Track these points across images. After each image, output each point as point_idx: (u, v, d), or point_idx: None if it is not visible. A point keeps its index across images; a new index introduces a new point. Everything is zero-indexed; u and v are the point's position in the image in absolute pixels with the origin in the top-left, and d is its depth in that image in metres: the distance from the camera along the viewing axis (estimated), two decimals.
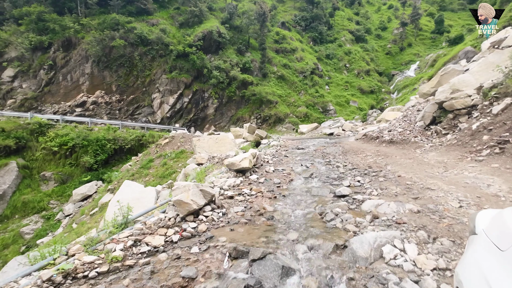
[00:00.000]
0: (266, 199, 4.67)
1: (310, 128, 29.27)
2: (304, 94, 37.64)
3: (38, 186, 18.75)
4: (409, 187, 4.44)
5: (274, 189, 5.29)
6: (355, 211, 3.78)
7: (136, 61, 29.67)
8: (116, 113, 29.95)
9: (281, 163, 8.57)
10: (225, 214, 3.88)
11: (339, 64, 48.30)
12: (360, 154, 9.00)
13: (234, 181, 5.39)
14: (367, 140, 12.37)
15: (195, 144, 11.72)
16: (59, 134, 19.90)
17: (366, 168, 6.61)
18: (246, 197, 4.64)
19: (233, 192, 4.79)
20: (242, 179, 5.82)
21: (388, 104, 40.66)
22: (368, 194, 4.45)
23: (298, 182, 5.95)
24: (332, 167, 7.38)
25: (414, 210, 3.32)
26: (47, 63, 27.50)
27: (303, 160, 9.04)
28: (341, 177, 6.06)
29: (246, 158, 6.36)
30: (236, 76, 32.94)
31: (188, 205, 3.45)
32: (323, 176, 6.32)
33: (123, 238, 2.93)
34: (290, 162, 8.63)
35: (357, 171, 6.37)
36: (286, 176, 6.46)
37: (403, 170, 5.78)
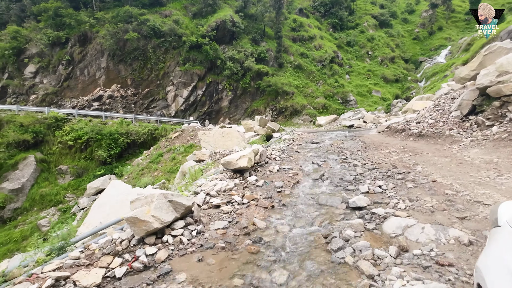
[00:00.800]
0: (260, 209, 3.75)
1: (328, 120, 27.72)
2: (323, 84, 35.77)
3: (55, 179, 19.15)
4: (450, 198, 3.31)
5: (273, 195, 4.35)
6: (374, 234, 2.76)
7: (150, 54, 29.43)
8: (131, 107, 30.12)
9: (289, 160, 7.57)
10: (201, 232, 3.02)
11: (361, 52, 45.48)
12: (383, 150, 7.76)
13: (225, 185, 4.51)
14: (391, 133, 10.97)
15: (200, 139, 10.99)
16: (74, 128, 20.13)
17: (389, 168, 5.45)
18: (235, 206, 3.75)
19: (220, 200, 3.92)
20: (238, 182, 4.93)
21: (415, 93, 37.77)
22: (393, 207, 3.38)
23: (304, 186, 4.95)
24: (348, 166, 6.28)
25: (464, 240, 2.26)
26: (65, 58, 27.99)
27: (316, 156, 7.96)
28: (358, 179, 4.98)
29: (245, 156, 5.44)
30: (250, 66, 31.80)
31: (147, 223, 2.62)
32: (336, 178, 5.27)
33: (47, 272, 2.17)
34: (300, 159, 7.60)
35: (378, 172, 5.25)
36: (291, 177, 5.47)
37: (438, 172, 4.59)
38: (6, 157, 17.89)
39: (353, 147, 9.36)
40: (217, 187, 4.36)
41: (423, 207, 3.15)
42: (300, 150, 9.41)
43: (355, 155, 7.69)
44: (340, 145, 10.24)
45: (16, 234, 15.94)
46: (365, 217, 3.16)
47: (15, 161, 18.13)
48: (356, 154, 7.73)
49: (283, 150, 9.32)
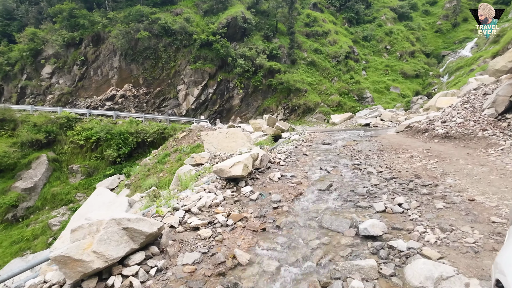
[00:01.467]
0: (247, 233, 3.04)
1: (343, 118, 26.50)
2: (337, 81, 34.36)
3: (66, 178, 19.36)
4: (500, 231, 2.45)
5: (267, 213, 3.62)
6: (393, 285, 1.98)
7: (161, 53, 29.33)
8: (143, 106, 30.22)
9: (295, 165, 6.79)
10: (164, 269, 2.35)
11: (378, 46, 43.41)
12: (403, 154, 6.80)
13: (212, 199, 3.83)
14: (411, 133, 9.88)
15: (203, 139, 10.41)
16: (85, 128, 20.26)
17: (411, 178, 4.57)
18: (217, 229, 3.05)
19: (201, 220, 3.24)
20: (230, 193, 4.23)
21: (437, 89, 35.58)
22: (418, 238, 2.57)
23: (307, 199, 4.18)
24: (362, 174, 5.42)
25: None
26: (79, 58, 28.44)
27: (325, 161, 7.13)
28: (372, 192, 4.14)
29: (240, 163, 4.74)
30: (262, 64, 30.99)
31: (83, 263, 1.99)
32: (346, 189, 4.46)
33: None
34: (307, 164, 6.80)
35: (397, 183, 4.39)
36: (293, 187, 4.71)
37: (475, 187, 3.68)
38: (20, 156, 18.22)
39: (368, 149, 8.42)
40: (201, 201, 3.68)
41: (462, 244, 2.31)
42: (308, 153, 8.60)
43: (370, 159, 6.79)
44: (353, 146, 9.32)
45: (28, 232, 16.16)
46: (380, 253, 2.37)
47: (28, 161, 18.44)
48: (372, 159, 6.83)
49: (290, 153, 8.54)
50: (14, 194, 17.12)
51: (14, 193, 17.14)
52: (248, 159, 5.11)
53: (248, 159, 5.10)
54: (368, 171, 5.49)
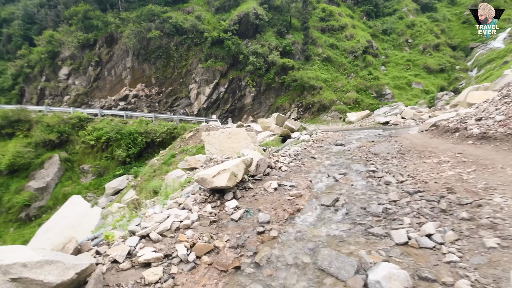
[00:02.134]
0: (213, 274, 2.22)
1: (360, 117, 25.02)
2: (354, 77, 32.68)
3: (78, 178, 19.50)
4: None
5: (247, 241, 2.78)
6: None
7: (172, 52, 29.14)
8: (155, 106, 30.24)
9: (299, 170, 5.88)
10: None
11: (399, 40, 41.04)
12: (429, 158, 5.70)
13: (182, 219, 3.05)
14: (438, 133, 8.62)
15: (204, 140, 9.72)
16: (96, 128, 20.33)
17: (442, 192, 3.55)
18: (171, 269, 2.26)
19: (157, 251, 2.45)
20: (208, 211, 3.43)
21: (465, 84, 32.99)
22: None
23: (305, 220, 3.30)
24: (377, 184, 4.44)
25: None
26: (94, 59, 28.87)
27: (335, 166, 6.16)
28: (390, 212, 3.19)
29: (226, 170, 3.93)
30: (275, 60, 30.00)
31: None
32: (357, 206, 3.53)
33: None
34: (313, 170, 5.87)
35: (424, 200, 3.39)
36: (291, 202, 3.84)
37: None
38: (33, 156, 18.52)
39: (386, 151, 7.34)
40: (166, 222, 2.91)
41: None
42: (317, 156, 7.63)
43: (388, 164, 5.74)
44: (370, 148, 8.23)
45: None
46: None
47: (41, 160, 18.72)
48: (390, 164, 5.77)
49: (296, 156, 7.62)
50: (27, 193, 17.39)
51: (27, 192, 17.42)
52: (239, 165, 4.29)
53: (239, 166, 4.28)
54: (386, 181, 4.49)
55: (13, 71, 30.37)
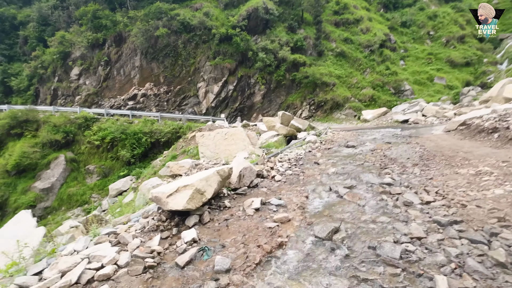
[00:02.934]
0: None
1: (376, 114, 23.41)
2: (370, 72, 30.78)
3: (83, 179, 19.31)
4: None
5: None
6: None
7: (180, 50, 28.58)
8: (164, 105, 29.87)
9: (296, 181, 4.83)
10: None
11: (419, 33, 38.52)
12: (463, 167, 4.48)
13: (100, 264, 2.12)
14: (469, 134, 7.25)
15: (198, 142, 8.83)
16: (101, 127, 20.06)
17: (492, 225, 2.39)
18: None
19: None
20: (153, 247, 2.47)
21: (494, 78, 30.33)
22: None
23: (283, 267, 2.27)
24: (394, 203, 3.33)
25: None
26: (103, 59, 28.86)
27: (341, 175, 5.05)
28: (412, 260, 2.11)
29: (188, 187, 2.97)
30: (285, 57, 28.73)
31: None
32: (362, 244, 2.46)
33: None
34: (314, 180, 4.80)
35: (465, 239, 2.27)
36: (272, 232, 2.81)
37: None
38: (40, 157, 18.47)
39: (406, 156, 6.12)
40: (73, 273, 1.98)
41: None
42: (322, 161, 6.52)
43: (408, 174, 4.57)
44: (385, 151, 7.02)
45: None
46: None
47: (47, 161, 18.65)
48: (411, 174, 4.59)
49: (297, 161, 6.55)
50: (33, 194, 17.33)
51: (32, 193, 17.36)
52: (210, 179, 3.31)
53: (210, 180, 3.30)
54: (406, 200, 3.36)
55: (28, 72, 31.01)
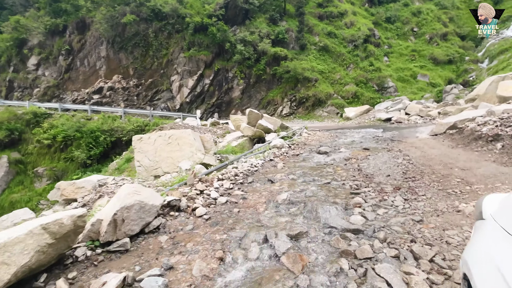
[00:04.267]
0: None
1: (359, 112, 22.33)
2: (354, 68, 29.72)
3: (31, 183, 16.99)
4: None
5: None
6: None
7: (151, 39, 26.26)
8: (134, 99, 27.52)
9: (224, 218, 3.21)
10: None
11: (403, 29, 37.89)
12: (464, 198, 3.03)
13: None
14: (462, 140, 5.91)
15: (135, 147, 7.07)
16: (53, 125, 17.68)
17: None
18: None
19: None
20: None
21: (475, 76, 30.08)
22: None
23: None
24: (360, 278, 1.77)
25: None
26: (64, 48, 26.05)
27: (293, 205, 3.49)
28: None
29: None
30: (266, 50, 27.06)
31: None
32: None
33: None
34: (250, 217, 3.21)
35: None
36: None
37: None
38: None
39: (385, 171, 4.67)
40: None
41: None
42: (280, 176, 4.97)
43: (387, 208, 3.07)
44: (361, 162, 5.56)
45: None
46: None
47: None
48: (390, 207, 3.10)
49: (246, 177, 4.96)
50: None
51: None
52: (17, 247, 1.64)
53: (17, 248, 1.61)
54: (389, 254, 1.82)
55: None
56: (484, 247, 1.19)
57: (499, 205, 1.32)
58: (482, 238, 1.27)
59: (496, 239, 1.14)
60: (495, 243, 1.13)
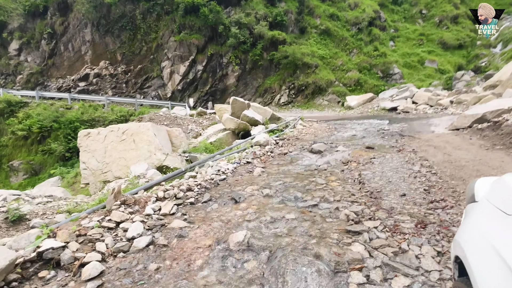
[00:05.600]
0: None
1: (361, 101, 20.74)
2: (357, 53, 27.73)
3: (5, 177, 15.81)
4: None
5: None
6: None
7: (139, 22, 24.37)
8: (122, 87, 25.91)
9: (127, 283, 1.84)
10: None
11: (411, 11, 35.50)
12: None
13: None
14: (499, 139, 4.46)
15: (80, 145, 5.70)
16: (30, 114, 16.30)
17: None
18: None
19: None
20: None
21: (487, 62, 28.07)
22: None
23: None
24: None
25: None
26: (46, 31, 24.26)
27: (248, 252, 2.09)
28: None
29: None
30: (262, 33, 25.09)
31: None
32: None
33: None
34: (179, 273, 1.81)
35: None
36: None
37: None
38: None
39: (400, 185, 3.25)
40: None
41: None
42: (251, 190, 3.57)
43: (413, 262, 1.67)
44: (364, 170, 4.14)
45: None
46: None
47: None
48: (419, 256, 1.71)
49: (203, 191, 3.56)
50: None
51: None
52: None
53: None
54: None
55: None
56: (478, 228, 1.19)
57: (492, 187, 1.34)
58: (475, 220, 1.27)
59: (490, 219, 1.15)
60: (489, 222, 1.14)
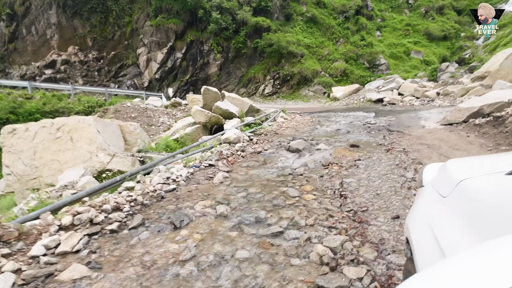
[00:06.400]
0: None
1: (347, 92, 20.10)
2: (344, 43, 26.99)
3: None
4: None
5: None
6: None
7: (111, 4, 22.40)
8: (94, 75, 24.03)
9: None
10: None
11: (398, 1, 34.97)
12: None
13: None
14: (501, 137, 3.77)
15: (3, 144, 4.61)
16: None
17: None
18: None
19: None
20: None
21: (471, 54, 28.09)
22: None
23: None
24: None
25: None
26: (4, 12, 21.83)
27: None
28: None
29: None
30: (246, 19, 23.77)
31: None
32: None
33: None
34: None
35: None
36: None
37: None
38: None
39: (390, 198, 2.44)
40: None
41: None
42: (199, 208, 2.67)
43: None
44: (347, 174, 3.32)
45: None
46: None
47: None
48: None
49: (132, 214, 2.62)
50: None
51: None
52: None
53: None
54: None
55: None
56: (421, 210, 1.26)
57: (436, 172, 1.39)
58: (420, 203, 1.33)
59: (431, 202, 1.22)
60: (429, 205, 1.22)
